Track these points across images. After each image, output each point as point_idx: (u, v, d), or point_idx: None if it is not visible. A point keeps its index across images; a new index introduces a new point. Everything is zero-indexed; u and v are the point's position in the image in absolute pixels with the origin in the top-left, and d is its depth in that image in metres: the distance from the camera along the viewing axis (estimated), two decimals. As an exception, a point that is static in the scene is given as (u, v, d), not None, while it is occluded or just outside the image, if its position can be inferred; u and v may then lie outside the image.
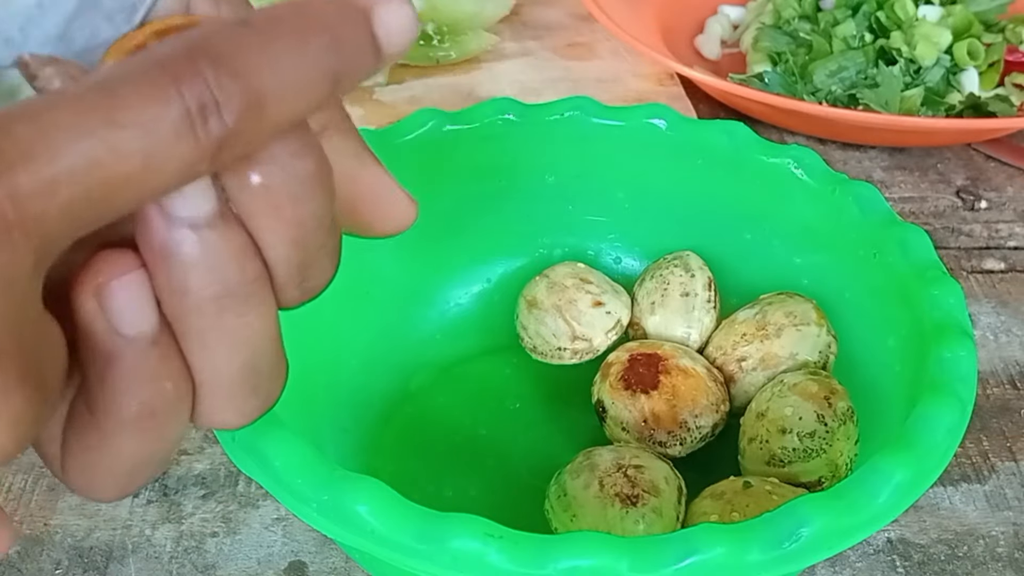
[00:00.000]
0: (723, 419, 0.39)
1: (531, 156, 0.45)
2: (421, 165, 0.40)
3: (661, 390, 0.38)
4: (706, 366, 0.39)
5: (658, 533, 0.30)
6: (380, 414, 0.42)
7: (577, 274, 0.42)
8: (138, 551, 0.39)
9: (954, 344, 0.32)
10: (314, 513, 0.28)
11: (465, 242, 0.46)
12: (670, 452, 0.38)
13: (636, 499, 0.34)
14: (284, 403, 0.32)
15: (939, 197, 0.59)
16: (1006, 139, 0.63)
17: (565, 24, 0.75)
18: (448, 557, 0.26)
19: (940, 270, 0.36)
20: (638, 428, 0.38)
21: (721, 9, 0.74)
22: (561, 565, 0.26)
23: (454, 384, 0.44)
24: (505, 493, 0.40)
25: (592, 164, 0.45)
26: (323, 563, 0.39)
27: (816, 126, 0.62)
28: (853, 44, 0.64)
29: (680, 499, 0.35)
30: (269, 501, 0.41)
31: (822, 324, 0.39)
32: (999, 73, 0.65)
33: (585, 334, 0.41)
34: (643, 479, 0.35)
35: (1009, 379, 0.47)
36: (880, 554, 0.39)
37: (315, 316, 0.40)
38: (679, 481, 0.36)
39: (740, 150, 0.42)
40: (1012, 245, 0.56)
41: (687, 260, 0.42)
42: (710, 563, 0.26)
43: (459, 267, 0.46)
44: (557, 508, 0.35)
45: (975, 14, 0.65)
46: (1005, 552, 0.40)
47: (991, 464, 0.43)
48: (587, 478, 0.35)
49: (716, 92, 0.64)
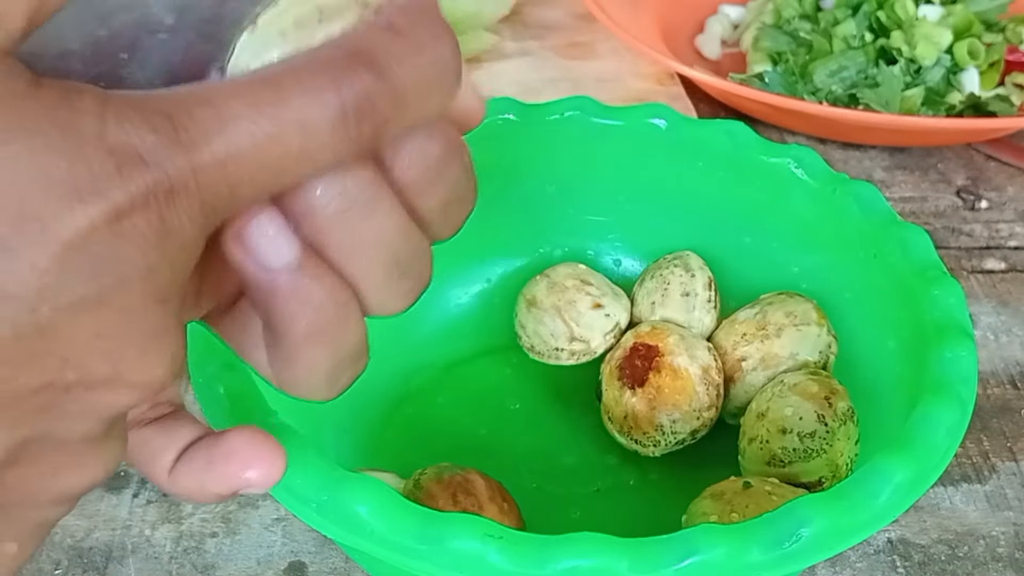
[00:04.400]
0: (705, 425, 0.39)
1: (531, 156, 0.45)
2: (421, 165, 0.40)
3: (646, 389, 0.39)
4: (704, 366, 0.39)
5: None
6: (380, 414, 0.42)
7: (578, 275, 0.42)
8: (138, 551, 0.39)
9: (954, 344, 0.32)
10: (314, 513, 0.28)
11: (465, 242, 0.45)
12: (644, 452, 0.39)
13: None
14: (284, 404, 0.32)
15: (939, 197, 0.59)
16: (1006, 139, 0.63)
17: (565, 24, 0.75)
18: (448, 557, 0.26)
19: (940, 270, 0.36)
20: (619, 422, 0.40)
21: (721, 9, 0.74)
22: (561, 565, 0.26)
23: (454, 384, 0.44)
24: (505, 493, 0.40)
25: (592, 164, 0.45)
26: (323, 563, 0.39)
27: (816, 126, 0.62)
28: (853, 44, 0.64)
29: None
30: (269, 501, 0.41)
31: (822, 324, 0.39)
32: (999, 73, 0.65)
33: (583, 336, 0.41)
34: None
35: (1010, 379, 0.47)
36: (880, 554, 0.39)
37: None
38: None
39: (740, 150, 0.42)
40: (1013, 245, 0.56)
41: (687, 260, 0.42)
42: (710, 563, 0.26)
43: (459, 267, 0.46)
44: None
45: (975, 14, 0.65)
46: (1005, 552, 0.40)
47: (991, 464, 0.43)
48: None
49: (716, 92, 0.64)
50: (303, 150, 0.19)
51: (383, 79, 0.19)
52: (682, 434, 0.39)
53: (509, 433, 0.42)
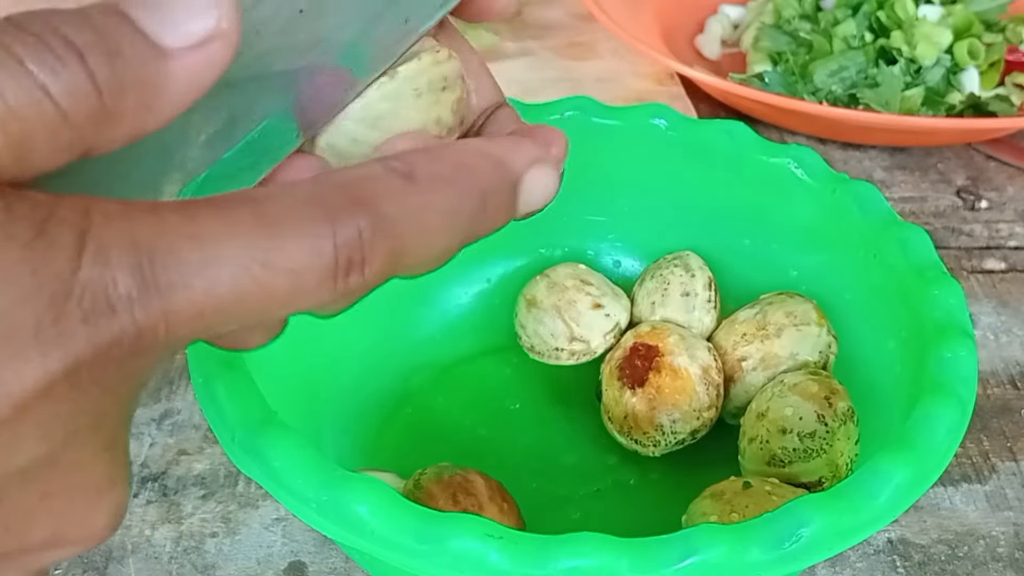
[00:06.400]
0: (705, 425, 0.39)
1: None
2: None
3: (646, 389, 0.39)
4: (704, 366, 0.39)
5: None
6: (380, 415, 0.42)
7: (578, 275, 0.42)
8: (138, 551, 0.39)
9: (954, 344, 0.32)
10: (314, 513, 0.28)
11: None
12: (644, 452, 0.39)
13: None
14: (284, 404, 0.32)
15: (939, 197, 0.59)
16: (1007, 139, 0.63)
17: (565, 24, 0.75)
18: (448, 557, 0.26)
19: (940, 270, 0.36)
20: (619, 422, 0.40)
21: (721, 9, 0.74)
22: (561, 565, 0.26)
23: (454, 384, 0.44)
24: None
25: (592, 164, 0.45)
26: (323, 563, 0.39)
27: (816, 126, 0.62)
28: (853, 44, 0.64)
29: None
30: (269, 501, 0.41)
31: (822, 324, 0.39)
32: (999, 73, 0.65)
33: (583, 336, 0.41)
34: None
35: (1009, 379, 0.47)
36: (880, 554, 0.39)
37: (316, 317, 0.40)
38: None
39: (740, 150, 0.42)
40: (1013, 245, 0.56)
41: (687, 260, 0.42)
42: (710, 563, 0.26)
43: (459, 267, 0.46)
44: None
45: (975, 14, 0.65)
46: (1005, 552, 0.40)
47: (991, 464, 0.43)
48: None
49: (716, 92, 0.64)
50: (288, 295, 0.18)
51: (384, 235, 0.18)
52: (682, 434, 0.39)
53: (509, 433, 0.42)
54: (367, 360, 0.42)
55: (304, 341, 0.39)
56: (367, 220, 0.18)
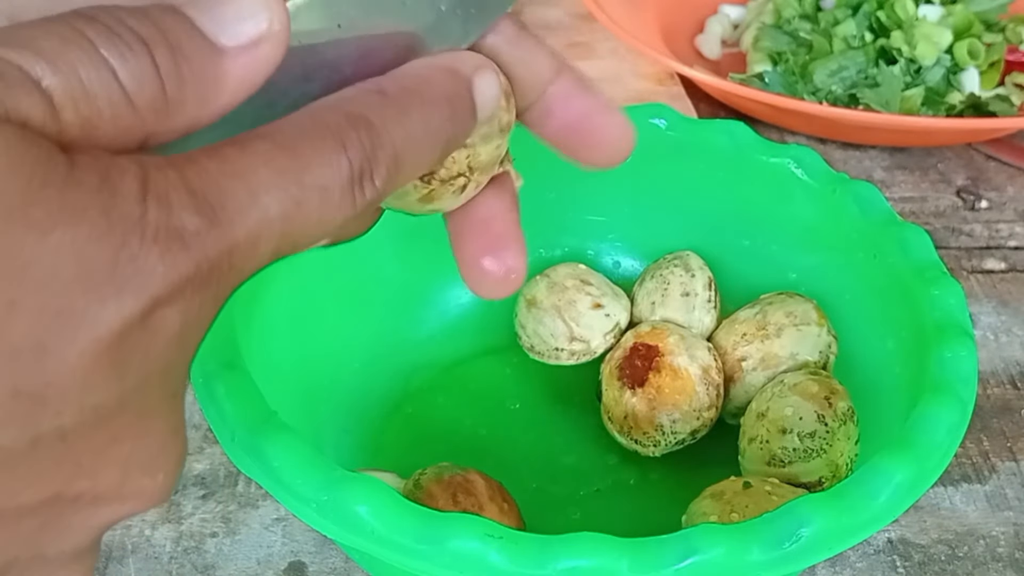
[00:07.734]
0: (705, 425, 0.39)
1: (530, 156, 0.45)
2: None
3: (646, 389, 0.39)
4: (704, 366, 0.39)
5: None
6: (380, 415, 0.42)
7: (578, 275, 0.42)
8: (138, 551, 0.39)
9: (954, 344, 0.32)
10: (314, 513, 0.28)
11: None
12: (644, 452, 0.39)
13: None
14: (284, 404, 0.32)
15: (939, 197, 0.59)
16: (1007, 139, 0.63)
17: (565, 24, 0.75)
18: (448, 557, 0.26)
19: (940, 270, 0.36)
20: (619, 422, 0.40)
21: (721, 9, 0.74)
22: (561, 565, 0.26)
23: (454, 384, 0.44)
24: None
25: (592, 164, 0.45)
26: (323, 563, 0.39)
27: (816, 126, 0.62)
28: (853, 44, 0.64)
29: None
30: (269, 501, 0.41)
31: (822, 324, 0.39)
32: (999, 73, 0.65)
33: (583, 336, 0.41)
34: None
35: (1010, 379, 0.47)
36: (880, 554, 0.39)
37: (316, 317, 0.40)
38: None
39: (740, 150, 0.42)
40: (1013, 245, 0.56)
41: (687, 260, 0.42)
42: (710, 563, 0.26)
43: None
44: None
45: (975, 14, 0.65)
46: (1006, 552, 0.40)
47: (991, 464, 0.43)
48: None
49: (716, 92, 0.64)
50: (320, 215, 0.19)
51: (382, 145, 0.20)
52: (682, 434, 0.39)
53: (509, 433, 0.42)
54: (367, 360, 0.42)
55: (304, 341, 0.39)
56: (366, 133, 0.19)
